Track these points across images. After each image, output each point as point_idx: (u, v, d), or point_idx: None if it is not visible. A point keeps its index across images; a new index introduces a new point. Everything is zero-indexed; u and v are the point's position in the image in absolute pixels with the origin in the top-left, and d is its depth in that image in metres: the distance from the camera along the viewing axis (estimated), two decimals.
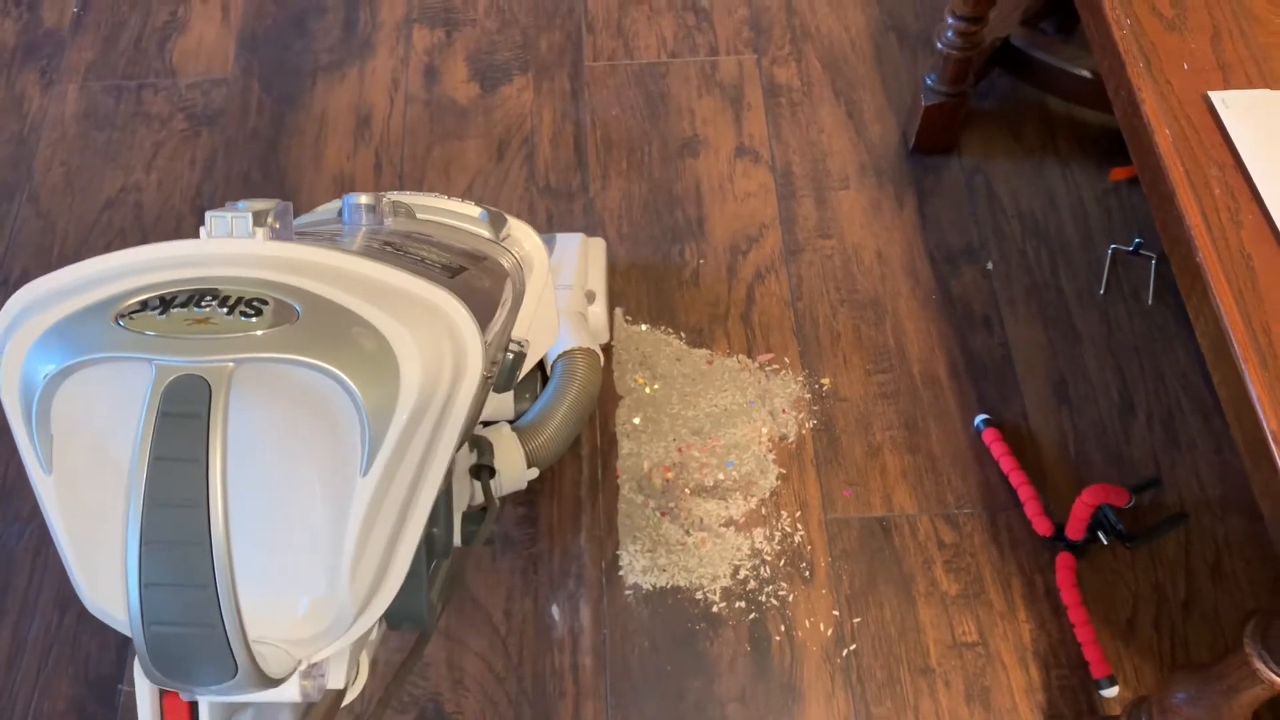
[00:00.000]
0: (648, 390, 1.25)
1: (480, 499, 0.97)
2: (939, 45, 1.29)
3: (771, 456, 1.21)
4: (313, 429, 0.57)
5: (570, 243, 1.24)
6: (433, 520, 0.71)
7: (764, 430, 1.22)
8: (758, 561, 1.14)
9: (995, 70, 1.43)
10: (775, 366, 1.27)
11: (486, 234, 0.89)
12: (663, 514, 1.17)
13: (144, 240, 1.36)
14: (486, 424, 1.06)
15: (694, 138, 1.44)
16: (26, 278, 1.34)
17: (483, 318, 0.68)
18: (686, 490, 1.18)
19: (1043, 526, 1.14)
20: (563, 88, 1.49)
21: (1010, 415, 1.22)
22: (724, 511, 1.17)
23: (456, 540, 0.87)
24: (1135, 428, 1.21)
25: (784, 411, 1.24)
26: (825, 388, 1.25)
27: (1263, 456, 0.64)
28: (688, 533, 1.16)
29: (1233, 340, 0.67)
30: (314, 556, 0.59)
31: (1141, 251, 1.31)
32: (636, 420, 1.23)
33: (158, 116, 1.48)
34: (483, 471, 0.97)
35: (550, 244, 1.22)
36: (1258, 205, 0.73)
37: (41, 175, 1.43)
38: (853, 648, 1.10)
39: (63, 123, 1.48)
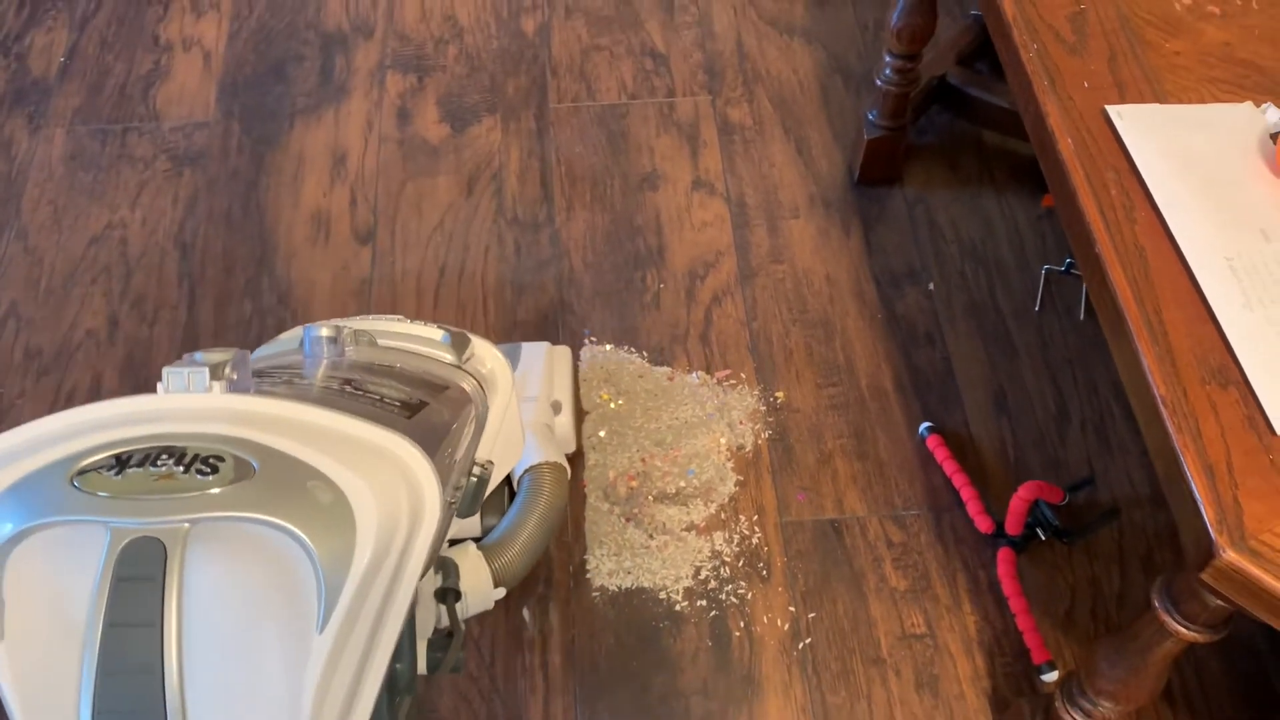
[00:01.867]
0: (612, 405, 1.32)
1: (445, 622, 0.93)
2: (878, 82, 1.39)
3: (730, 465, 1.27)
4: (269, 586, 0.56)
5: (535, 352, 1.24)
6: (395, 655, 0.69)
7: (722, 441, 1.29)
8: (718, 563, 1.21)
9: (934, 107, 1.54)
10: (733, 382, 1.34)
11: (449, 358, 0.90)
12: (627, 520, 1.23)
13: (128, 275, 1.43)
14: (453, 542, 1.05)
15: (653, 172, 1.53)
16: (15, 310, 1.40)
17: (443, 450, 0.69)
18: (650, 497, 1.25)
19: (984, 524, 1.21)
20: (529, 127, 1.58)
21: (952, 424, 1.30)
22: (685, 517, 1.24)
23: (421, 668, 0.85)
24: (1070, 433, 1.29)
25: (741, 423, 1.31)
26: (779, 401, 1.32)
27: (1154, 420, 0.72)
28: (651, 537, 1.22)
29: (1128, 321, 0.75)
30: (272, 716, 0.57)
31: (1073, 271, 1.40)
32: (602, 433, 1.30)
33: (141, 158, 1.55)
34: (448, 595, 0.93)
35: (515, 354, 1.22)
36: (1150, 204, 0.81)
37: (29, 213, 1.49)
38: (808, 641, 1.16)
39: (50, 164, 1.54)
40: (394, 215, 1.49)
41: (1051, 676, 1.12)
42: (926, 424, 1.29)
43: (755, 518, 1.24)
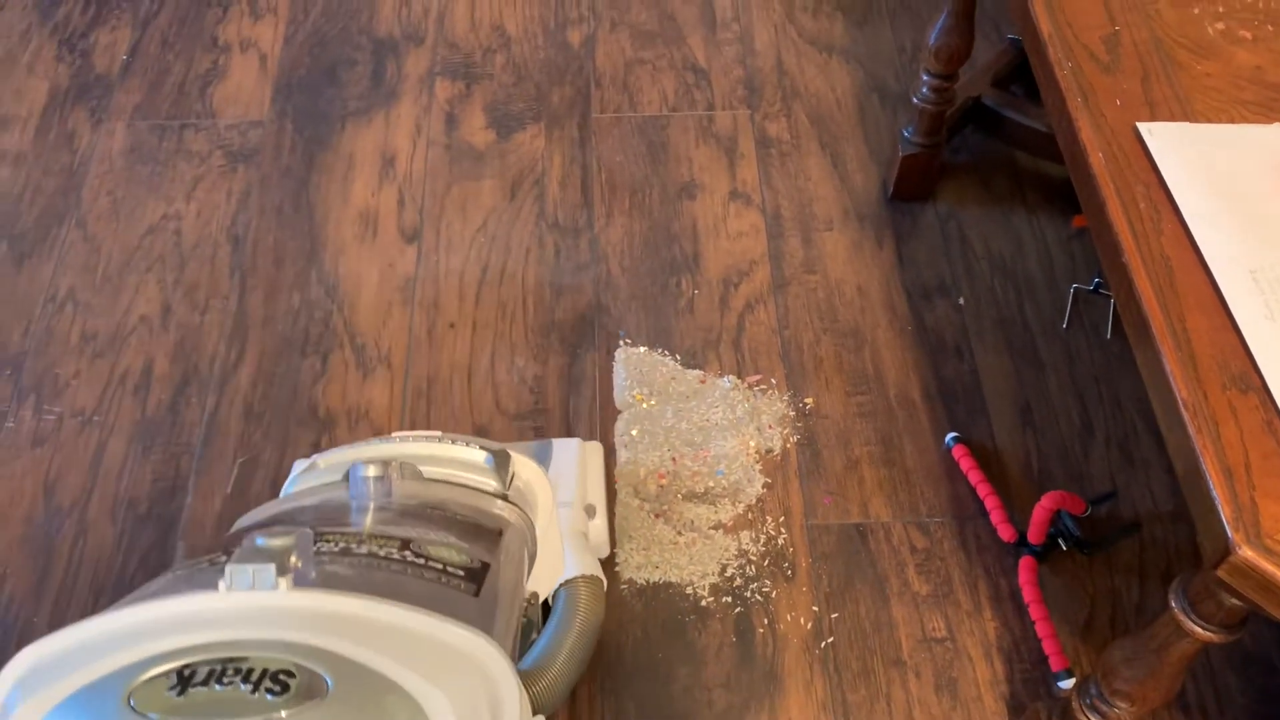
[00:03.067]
0: (644, 406, 1.36)
1: None
2: (915, 100, 1.42)
3: (758, 467, 1.30)
4: None
5: (567, 451, 1.19)
6: None
7: (751, 443, 1.32)
8: (744, 561, 1.24)
9: (968, 127, 1.57)
10: (763, 387, 1.37)
11: (494, 484, 0.88)
12: (657, 516, 1.26)
13: (182, 265, 1.48)
14: None
15: (691, 182, 1.57)
16: (73, 295, 1.45)
17: (509, 616, 0.67)
18: (679, 496, 1.28)
19: (1007, 533, 1.23)
20: (572, 136, 1.62)
21: (978, 435, 1.33)
22: (713, 515, 1.27)
23: None
24: (1094, 448, 1.32)
25: (770, 427, 1.34)
26: (809, 406, 1.35)
27: (1176, 422, 0.75)
28: (679, 533, 1.25)
29: (1152, 326, 0.78)
30: None
31: (1101, 291, 1.43)
32: (634, 432, 1.33)
33: (198, 153, 1.60)
34: None
35: (546, 452, 1.17)
36: (1177, 218, 0.84)
37: (89, 203, 1.55)
38: (830, 640, 1.18)
39: (110, 157, 1.60)
40: (439, 216, 1.54)
41: (1069, 684, 1.14)
42: (953, 434, 1.31)
43: (782, 519, 1.27)
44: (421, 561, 0.67)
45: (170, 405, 1.36)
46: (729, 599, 1.21)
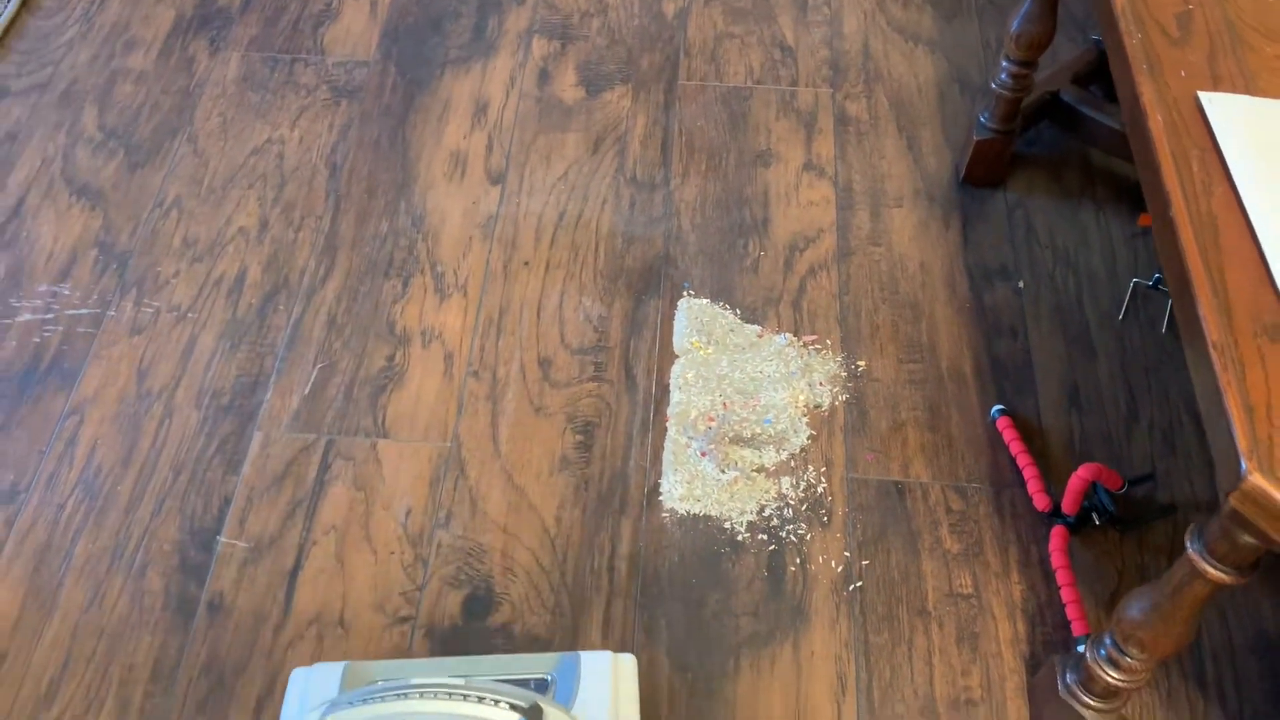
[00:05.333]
0: (701, 353, 1.41)
1: None
2: (993, 85, 1.46)
3: (805, 420, 1.35)
4: None
5: (598, 667, 1.05)
6: None
7: (801, 398, 1.37)
8: (782, 504, 1.28)
9: (1044, 121, 1.60)
10: (818, 347, 1.42)
11: None
12: (703, 454, 1.32)
13: (281, 185, 1.57)
14: None
15: (767, 151, 1.62)
16: (179, 203, 1.55)
17: None
18: (726, 438, 1.33)
19: (1042, 502, 1.26)
20: (657, 99, 1.69)
21: (1024, 412, 1.36)
22: (757, 459, 1.32)
23: None
24: (1137, 433, 1.34)
25: (821, 384, 1.38)
26: (861, 369, 1.40)
27: (1204, 363, 0.78)
28: (723, 471, 1.31)
29: (1191, 275, 0.82)
30: None
31: (1160, 287, 1.45)
32: (689, 375, 1.39)
33: (305, 86, 1.70)
34: None
35: (573, 666, 1.04)
36: (1229, 183, 0.88)
37: (201, 122, 1.65)
38: (859, 584, 1.23)
39: (224, 83, 1.70)
40: (524, 162, 1.61)
41: None
42: (999, 407, 1.35)
43: (823, 469, 1.31)
44: None
45: (259, 310, 1.45)
46: (764, 537, 1.26)
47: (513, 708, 0.84)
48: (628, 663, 1.07)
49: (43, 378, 1.38)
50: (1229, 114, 0.91)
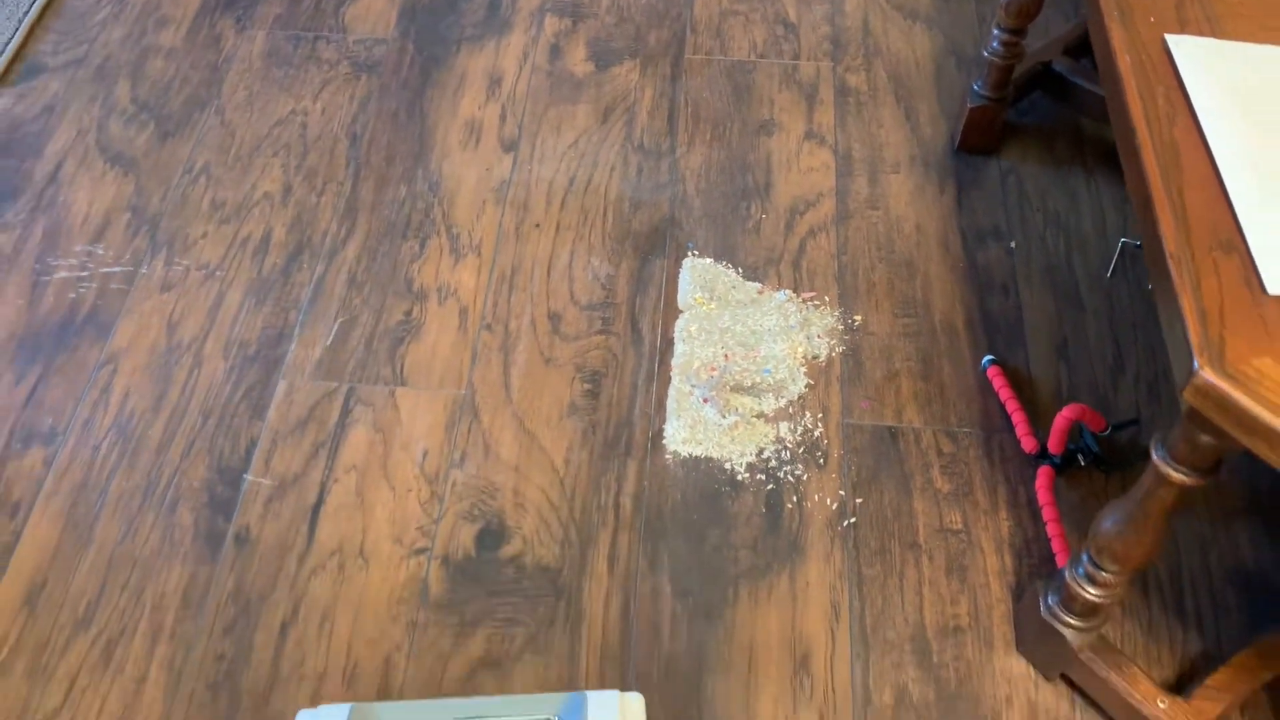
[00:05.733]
0: (704, 308, 1.48)
1: None
2: (985, 54, 1.52)
3: (803, 369, 1.41)
4: None
5: (605, 706, 1.03)
6: None
7: (800, 350, 1.43)
8: (780, 447, 1.34)
9: (1037, 92, 1.66)
10: (816, 303, 1.48)
11: None
12: (705, 401, 1.38)
13: (305, 153, 1.65)
14: None
15: (770, 121, 1.69)
16: (207, 169, 1.63)
17: None
18: (727, 386, 1.39)
19: (1029, 444, 1.32)
20: (664, 73, 1.76)
21: (1014, 363, 1.42)
22: (757, 406, 1.38)
23: None
24: (1123, 384, 1.40)
25: (819, 337, 1.44)
26: (857, 323, 1.46)
27: (1163, 274, 0.84)
28: (724, 417, 1.37)
29: (1153, 196, 0.88)
30: None
31: None
32: (692, 329, 1.45)
33: (327, 61, 1.78)
34: None
35: (580, 708, 1.02)
36: (1191, 117, 0.94)
37: (228, 95, 1.73)
38: (853, 520, 1.28)
39: (250, 59, 1.78)
40: (536, 132, 1.68)
41: None
42: (989, 356, 1.41)
43: (820, 415, 1.37)
44: None
45: (283, 268, 1.52)
46: (762, 477, 1.32)
47: None
48: (635, 702, 1.06)
49: (79, 330, 1.46)
50: (1194, 54, 0.97)
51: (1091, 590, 1.05)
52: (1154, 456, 0.90)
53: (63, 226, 1.57)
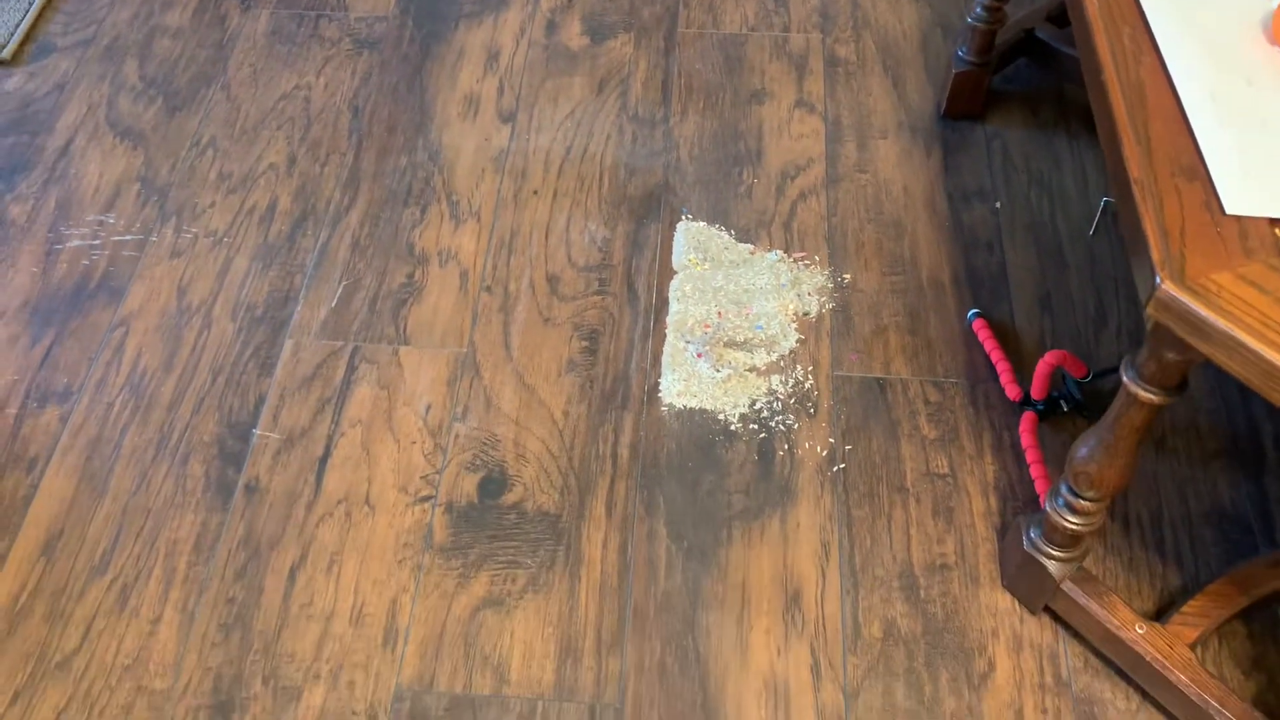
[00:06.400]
0: (697, 269, 1.52)
1: None
2: (969, 19, 1.57)
3: (794, 325, 1.45)
4: None
5: None
6: None
7: (790, 307, 1.47)
8: (772, 398, 1.39)
9: (1021, 59, 1.70)
10: (807, 262, 1.52)
11: None
12: (699, 356, 1.42)
13: (308, 125, 1.69)
14: None
15: (761, 90, 1.73)
16: (214, 142, 1.68)
17: None
18: (720, 342, 1.44)
19: (1013, 392, 1.36)
20: (658, 46, 1.80)
21: (999, 316, 1.46)
22: (749, 360, 1.42)
23: None
24: (1105, 335, 1.44)
25: (809, 294, 1.49)
26: (846, 281, 1.50)
27: (1127, 197, 0.88)
28: (717, 370, 1.41)
29: (1118, 126, 0.92)
30: None
31: None
32: (687, 288, 1.49)
33: (329, 38, 1.82)
34: None
35: None
36: (1156, 55, 0.98)
37: (233, 71, 1.78)
38: (842, 466, 1.33)
39: (254, 37, 1.83)
40: (533, 103, 1.73)
41: None
42: (974, 310, 1.45)
43: (810, 368, 1.41)
44: None
45: (289, 235, 1.56)
46: (755, 426, 1.36)
47: None
48: None
49: (92, 294, 1.50)
50: None
51: (1071, 519, 1.09)
52: (1124, 377, 0.94)
53: (74, 197, 1.61)
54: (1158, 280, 0.82)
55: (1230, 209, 0.85)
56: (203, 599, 1.24)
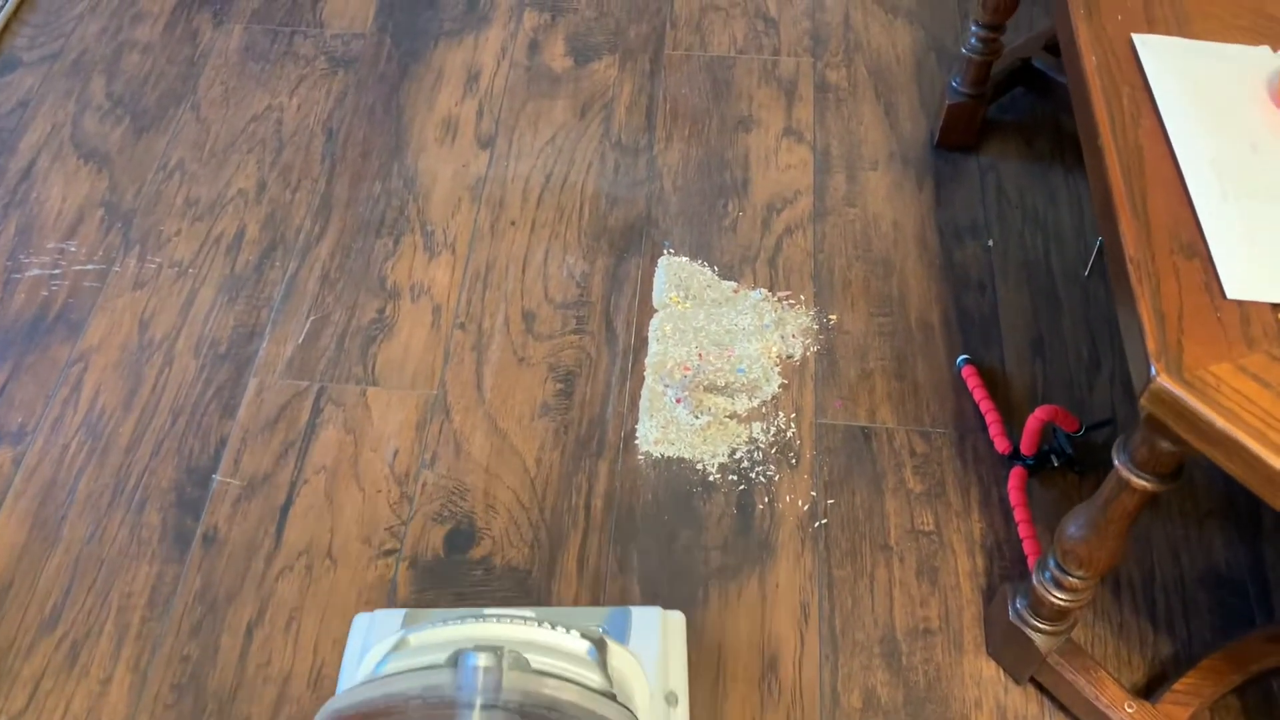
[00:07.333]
0: (679, 307, 1.47)
1: None
2: (963, 50, 1.51)
3: (777, 369, 1.40)
4: None
5: (647, 624, 1.06)
6: None
7: (774, 349, 1.42)
8: (753, 447, 1.34)
9: (1018, 88, 1.65)
10: (792, 302, 1.47)
11: (597, 679, 0.85)
12: (678, 401, 1.37)
13: (280, 149, 1.63)
14: None
15: (749, 117, 1.67)
16: (182, 165, 1.62)
17: None
18: (701, 386, 1.39)
19: (1002, 445, 1.31)
20: (643, 68, 1.74)
21: (989, 361, 1.41)
22: (730, 406, 1.37)
23: None
24: (1099, 382, 1.39)
25: (793, 336, 1.44)
26: (832, 322, 1.45)
27: (1122, 277, 0.83)
28: (697, 417, 1.36)
29: (1114, 198, 0.87)
30: None
31: None
32: (667, 328, 1.44)
33: (304, 56, 1.76)
34: None
35: (624, 621, 1.06)
36: (1156, 117, 0.93)
37: (204, 90, 1.72)
38: (824, 521, 1.28)
39: (226, 53, 1.77)
40: (513, 128, 1.67)
41: None
42: (964, 356, 1.40)
43: (793, 415, 1.36)
44: None
45: (256, 265, 1.51)
46: (734, 477, 1.31)
47: (583, 636, 0.87)
48: (676, 619, 1.11)
49: (50, 328, 1.45)
50: (1160, 54, 0.96)
51: (1058, 595, 1.04)
52: (1116, 461, 0.89)
53: (35, 223, 1.56)
54: (1153, 372, 0.77)
55: (1231, 293, 0.80)
56: (156, 657, 1.19)
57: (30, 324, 1.45)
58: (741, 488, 1.30)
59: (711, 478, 1.31)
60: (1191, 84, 0.93)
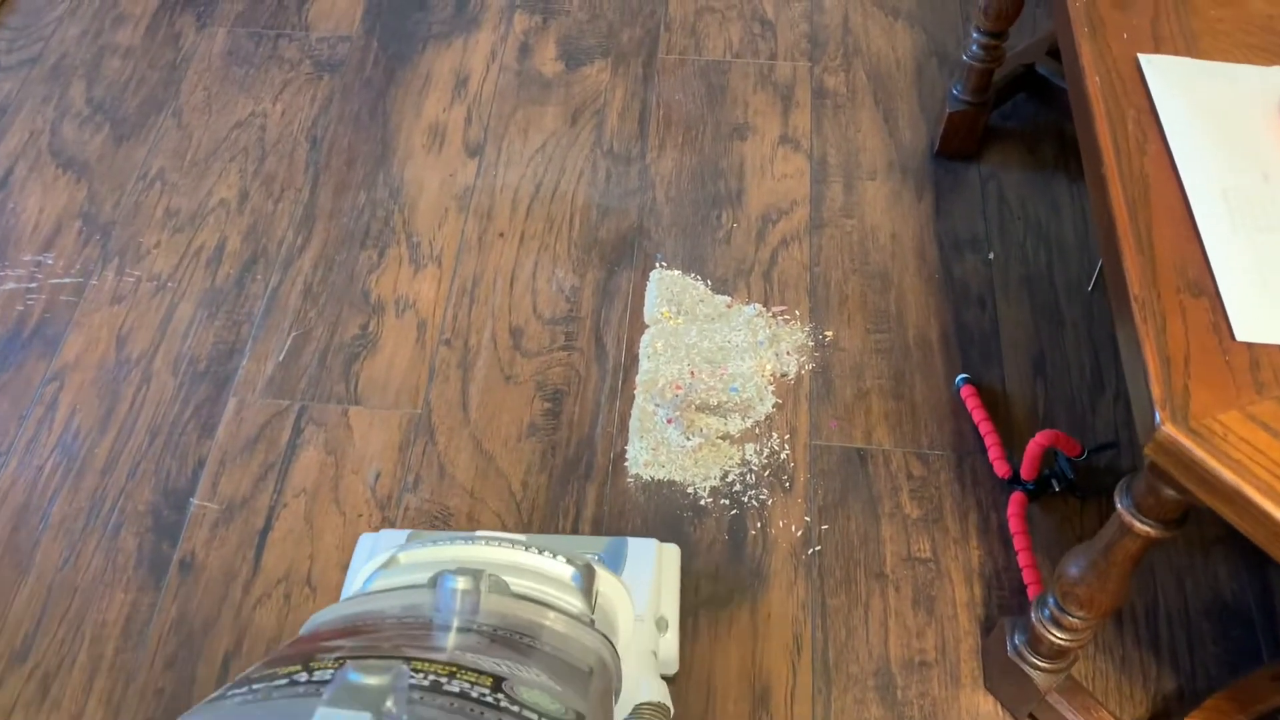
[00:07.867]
0: (671, 323, 1.43)
1: None
2: (965, 57, 1.46)
3: (771, 388, 1.36)
4: None
5: (643, 554, 1.13)
6: None
7: (768, 367, 1.38)
8: (745, 470, 1.30)
9: (1020, 95, 1.60)
10: (786, 317, 1.43)
11: (579, 605, 0.85)
12: (669, 421, 1.34)
13: (263, 157, 1.59)
14: None
15: (744, 124, 1.63)
16: (162, 174, 1.58)
17: None
18: (692, 406, 1.35)
19: (1002, 469, 1.27)
20: (636, 73, 1.70)
21: (989, 380, 1.37)
22: (722, 426, 1.33)
23: None
24: (1102, 403, 1.35)
25: (788, 354, 1.40)
26: (828, 339, 1.41)
27: (1126, 316, 0.79)
28: (688, 438, 1.32)
29: (1118, 230, 0.83)
30: None
31: None
32: (658, 345, 1.40)
33: (289, 61, 1.72)
34: None
35: (620, 550, 1.11)
36: (1162, 142, 0.88)
37: (186, 95, 1.68)
38: (818, 548, 1.24)
39: (209, 58, 1.73)
40: (502, 135, 1.63)
41: None
42: (963, 375, 1.36)
43: (787, 436, 1.33)
44: (516, 710, 0.63)
45: (237, 279, 1.47)
46: (726, 501, 1.28)
47: (569, 562, 0.86)
48: (672, 551, 1.17)
49: (25, 344, 1.41)
50: (1167, 75, 0.91)
51: (1058, 634, 1.00)
52: (1119, 505, 0.85)
53: (11, 235, 1.52)
54: (1157, 420, 0.73)
55: (1241, 335, 0.76)
56: (130, 690, 1.16)
57: (4, 340, 1.41)
58: (733, 512, 1.27)
59: (703, 502, 1.28)
60: (1200, 108, 0.89)
